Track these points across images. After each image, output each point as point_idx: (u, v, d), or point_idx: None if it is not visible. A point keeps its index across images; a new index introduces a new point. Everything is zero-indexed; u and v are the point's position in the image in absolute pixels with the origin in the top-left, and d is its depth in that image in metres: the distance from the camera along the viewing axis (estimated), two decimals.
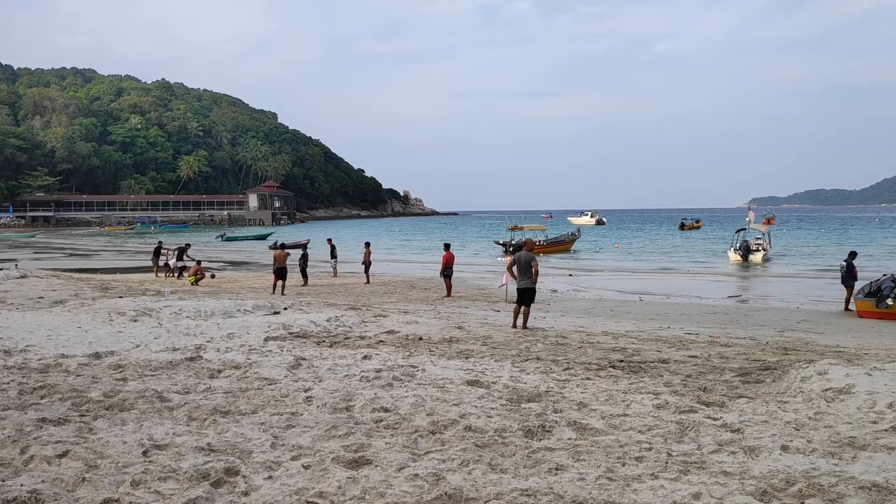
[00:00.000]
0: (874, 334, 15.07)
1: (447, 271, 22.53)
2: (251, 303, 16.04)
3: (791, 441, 5.78)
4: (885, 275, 20.07)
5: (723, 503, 4.57)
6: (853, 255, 21.05)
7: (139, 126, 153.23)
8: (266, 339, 11.15)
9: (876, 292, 18.37)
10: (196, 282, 24.97)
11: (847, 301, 19.84)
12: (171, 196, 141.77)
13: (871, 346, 12.63)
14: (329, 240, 31.39)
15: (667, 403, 7.16)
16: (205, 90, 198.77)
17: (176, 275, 28.35)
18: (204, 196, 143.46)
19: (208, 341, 10.84)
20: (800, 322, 17.23)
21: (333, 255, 30.04)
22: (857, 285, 19.83)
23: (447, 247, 23.78)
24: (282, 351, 10.14)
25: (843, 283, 20.27)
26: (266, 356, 9.70)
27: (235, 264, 41.77)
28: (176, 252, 29.40)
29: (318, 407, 6.97)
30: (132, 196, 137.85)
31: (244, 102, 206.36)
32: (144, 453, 5.43)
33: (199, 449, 5.57)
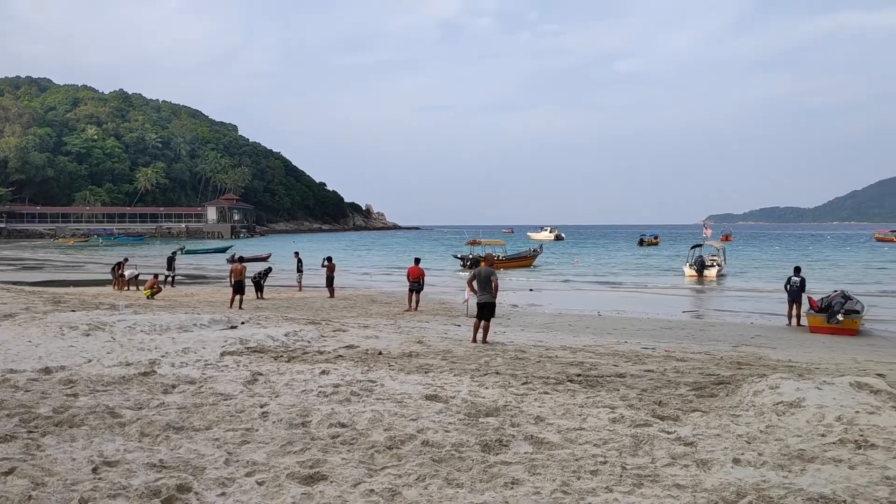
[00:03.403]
0: (825, 349, 15.42)
1: (414, 285, 22.52)
2: (208, 317, 15.82)
3: (742, 454, 5.89)
4: (835, 291, 20.57)
5: None
6: (798, 269, 21.54)
7: (96, 137, 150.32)
8: (222, 354, 11.01)
9: (827, 308, 18.82)
10: (152, 295, 24.54)
11: (798, 316, 20.28)
12: (128, 208, 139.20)
13: (822, 360, 12.93)
14: (296, 253, 31.16)
15: (622, 417, 7.24)
16: (164, 101, 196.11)
17: (128, 288, 28.33)
18: (161, 208, 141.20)
19: (163, 356, 10.66)
20: (753, 337, 17.55)
21: (299, 269, 29.82)
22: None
23: (417, 261, 23.77)
24: (238, 366, 10.02)
25: (793, 297, 20.70)
26: (222, 371, 9.58)
27: (193, 278, 41.16)
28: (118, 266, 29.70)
29: (273, 422, 6.90)
30: (87, 208, 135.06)
31: (204, 114, 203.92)
32: (94, 470, 5.32)
33: (151, 465, 5.48)
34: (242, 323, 15.70)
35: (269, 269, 28.50)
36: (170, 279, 31.87)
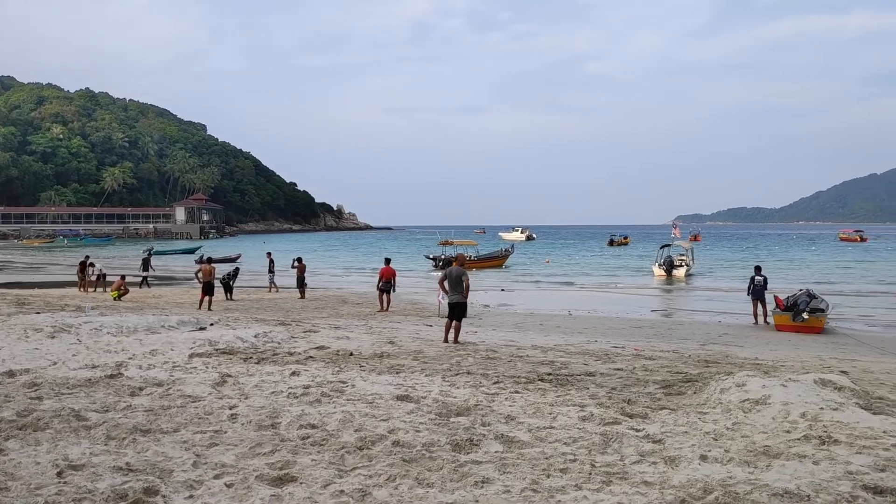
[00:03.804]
0: (791, 347, 15.67)
1: (386, 286, 22.48)
2: (176, 318, 15.65)
3: (710, 451, 5.97)
4: (801, 289, 20.95)
5: None
6: (759, 269, 21.88)
7: (61, 136, 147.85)
8: (191, 356, 10.89)
9: (793, 307, 19.13)
10: (119, 297, 24.20)
11: (765, 314, 20.61)
12: (95, 208, 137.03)
13: (788, 358, 13.14)
14: (269, 253, 30.93)
15: (592, 415, 7.30)
16: (131, 100, 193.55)
17: (94, 289, 28.06)
18: (129, 209, 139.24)
19: (130, 358, 10.53)
20: (721, 335, 17.79)
21: (272, 270, 29.61)
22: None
23: (387, 261, 23.71)
24: (207, 367, 9.92)
25: (757, 296, 21.01)
26: (190, 373, 9.48)
27: (161, 279, 40.65)
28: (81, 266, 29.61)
29: (243, 424, 6.85)
30: (53, 208, 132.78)
31: (172, 113, 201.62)
32: (59, 474, 5.24)
33: (117, 469, 5.41)
34: (211, 324, 15.56)
35: (237, 270, 28.28)
36: (145, 280, 31.96)
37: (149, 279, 32.47)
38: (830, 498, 4.79)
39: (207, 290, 22.15)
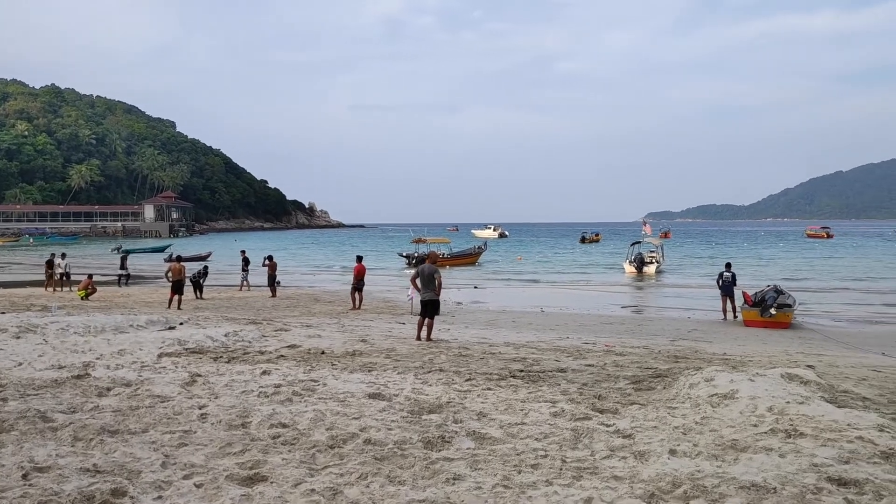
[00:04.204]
0: (758, 342, 15.91)
1: (359, 284, 22.41)
2: (144, 318, 15.45)
3: (678, 445, 6.03)
4: (768, 285, 21.28)
5: None
6: (728, 265, 22.20)
7: (26, 133, 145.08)
8: (160, 356, 10.77)
9: (760, 302, 19.43)
10: (86, 296, 23.84)
11: (733, 310, 20.90)
12: (62, 207, 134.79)
13: (756, 353, 13.34)
14: (242, 251, 30.68)
15: (563, 411, 7.35)
16: (98, 97, 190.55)
17: (61, 288, 27.69)
18: (97, 206, 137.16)
19: (97, 358, 10.38)
20: (690, 331, 18.01)
21: (245, 269, 29.35)
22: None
23: (359, 259, 23.60)
24: (176, 367, 9.82)
25: (726, 292, 21.30)
26: (159, 373, 9.37)
27: (130, 278, 40.08)
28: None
29: (212, 424, 6.79)
30: (18, 206, 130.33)
31: (140, 110, 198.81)
32: (24, 476, 5.15)
33: (84, 470, 5.33)
34: (181, 323, 15.40)
35: (207, 269, 28.02)
36: (123, 278, 32.00)
37: (126, 277, 32.20)
38: (796, 490, 4.87)
39: (177, 288, 21.92)
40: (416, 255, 45.97)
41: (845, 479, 5.05)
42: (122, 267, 32.61)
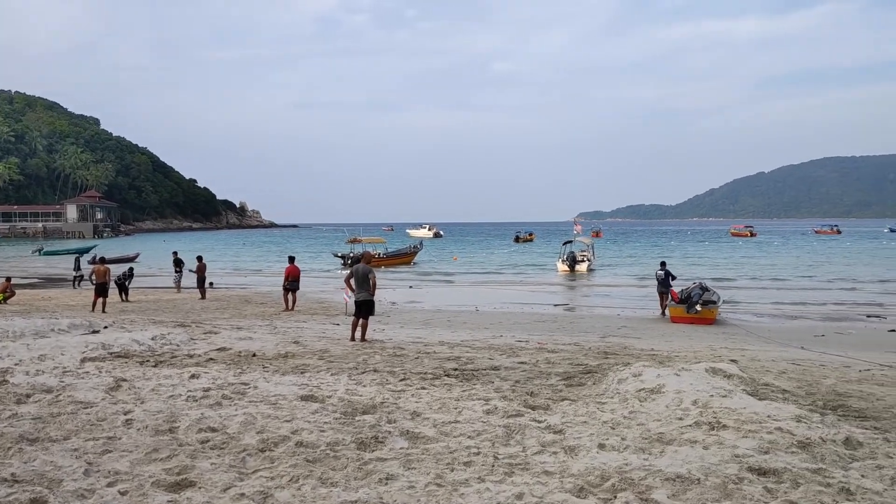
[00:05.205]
0: (685, 338, 16.37)
1: (291, 285, 22.10)
2: (67, 321, 14.89)
3: (607, 439, 6.16)
4: (694, 282, 21.91)
5: (543, 501, 4.79)
6: (663, 264, 22.81)
7: None
8: (83, 360, 10.40)
9: (686, 299, 19.99)
10: (4, 300, 22.86)
11: (663, 306, 21.46)
12: None
13: (682, 348, 13.73)
14: (175, 253, 29.86)
15: (496, 408, 7.41)
16: (17, 92, 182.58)
17: None
18: (15, 206, 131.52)
19: (16, 364, 9.95)
20: (620, 328, 18.40)
21: (178, 270, 28.57)
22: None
23: (292, 260, 23.25)
24: (100, 372, 9.50)
25: (663, 289, 21.84)
26: (82, 378, 9.05)
27: (51, 280, 38.69)
28: None
29: (138, 430, 6.60)
30: None
31: (62, 107, 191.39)
32: None
33: (2, 480, 5.12)
34: (105, 327, 14.93)
35: (132, 270, 27.22)
36: (77, 280, 31.52)
37: (80, 279, 31.17)
38: (718, 480, 5.03)
39: (101, 291, 21.23)
40: (351, 255, 45.64)
41: (765, 468, 5.24)
42: (77, 269, 32.23)
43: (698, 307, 19.53)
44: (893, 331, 18.29)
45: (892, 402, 8.29)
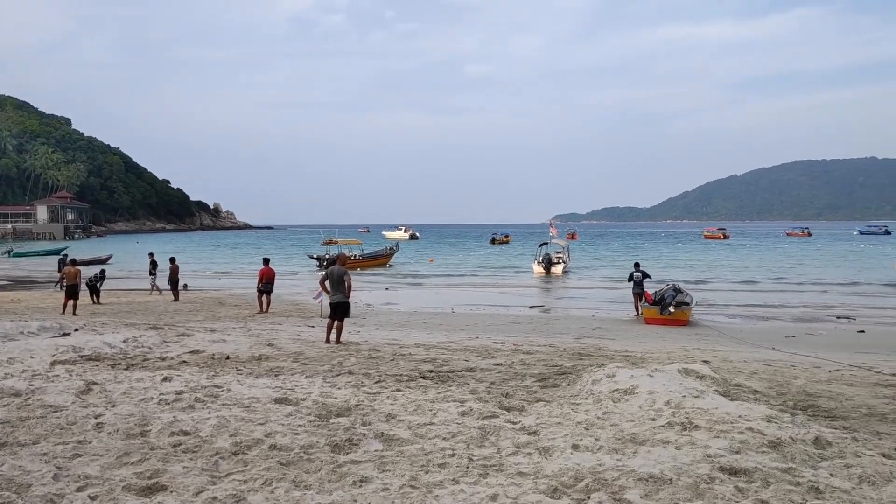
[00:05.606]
0: (658, 339, 16.50)
1: (266, 287, 21.96)
2: (37, 324, 14.66)
3: (581, 440, 6.20)
4: (667, 284, 22.09)
5: (517, 502, 4.81)
6: (637, 265, 23.00)
7: None
8: (53, 364, 10.25)
9: (660, 301, 20.16)
10: None
11: (636, 307, 21.63)
12: None
13: (655, 349, 13.84)
14: (150, 254, 29.52)
15: (471, 410, 7.42)
16: None
17: None
18: None
19: None
20: (595, 329, 18.51)
21: (153, 272, 28.22)
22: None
23: (266, 261, 23.09)
24: (70, 375, 9.36)
25: (638, 291, 22.00)
26: (52, 382, 8.91)
27: (21, 282, 38.08)
28: None
29: (109, 433, 6.52)
30: None
31: (33, 106, 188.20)
32: None
33: None
34: (76, 330, 14.72)
35: (104, 272, 26.88)
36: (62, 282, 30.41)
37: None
38: (690, 480, 5.08)
39: (72, 293, 20.94)
40: (326, 256, 45.46)
41: (736, 468, 5.31)
42: (60, 270, 31.29)
43: (671, 308, 19.71)
44: (862, 332, 18.59)
45: (861, 402, 8.43)
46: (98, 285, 24.94)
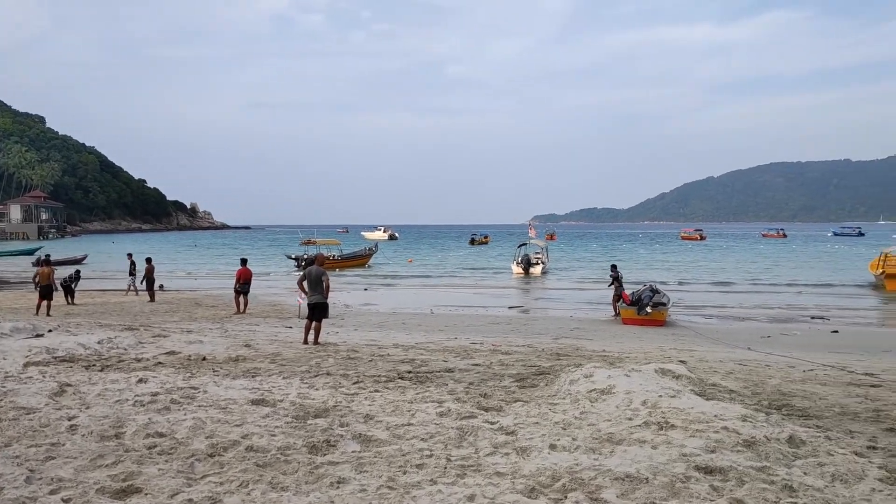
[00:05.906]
0: (635, 339, 16.61)
1: (243, 287, 21.80)
2: (9, 325, 14.44)
3: (558, 440, 6.22)
4: (644, 285, 22.24)
5: (494, 502, 4.81)
6: (614, 267, 23.15)
7: None
8: (26, 365, 10.11)
9: (637, 301, 20.29)
10: None
11: (615, 308, 21.75)
12: None
13: (632, 350, 13.92)
14: (129, 255, 29.19)
15: (449, 411, 7.42)
16: None
17: None
18: None
19: None
20: (573, 329, 18.59)
21: (132, 272, 27.89)
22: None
23: (244, 262, 22.92)
24: (44, 377, 9.24)
25: (616, 291, 22.10)
26: (25, 383, 8.79)
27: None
28: None
29: (83, 435, 6.44)
30: None
31: (6, 104, 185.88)
32: None
33: None
34: (50, 331, 14.52)
35: (79, 272, 26.57)
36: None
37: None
38: (666, 479, 5.12)
39: (45, 293, 20.67)
40: (305, 256, 45.26)
41: (711, 467, 5.35)
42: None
43: (648, 309, 19.84)
44: (836, 332, 18.84)
45: (834, 402, 8.53)
46: (73, 286, 24.64)
